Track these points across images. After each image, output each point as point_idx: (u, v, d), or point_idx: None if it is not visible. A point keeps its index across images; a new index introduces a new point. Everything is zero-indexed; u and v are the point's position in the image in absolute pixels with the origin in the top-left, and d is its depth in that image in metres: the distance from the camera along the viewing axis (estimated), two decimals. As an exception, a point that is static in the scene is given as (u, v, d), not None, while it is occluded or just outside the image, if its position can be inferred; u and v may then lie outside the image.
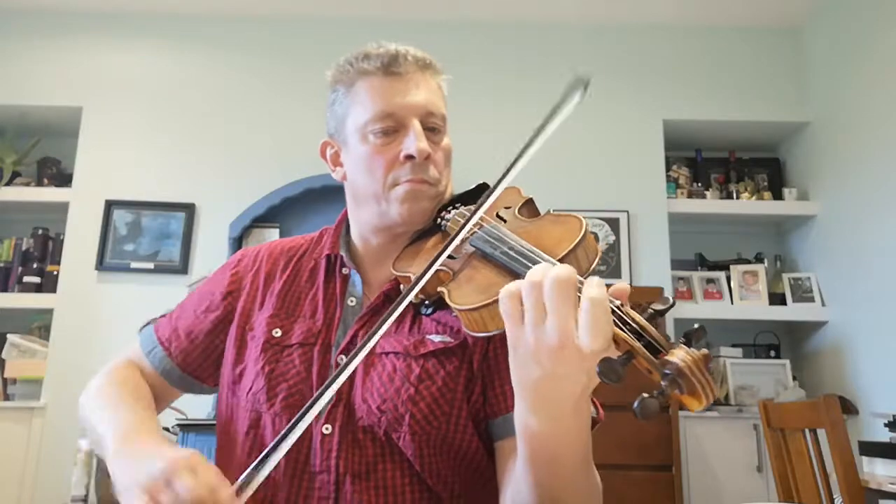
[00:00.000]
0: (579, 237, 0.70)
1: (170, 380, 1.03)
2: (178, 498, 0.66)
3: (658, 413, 0.53)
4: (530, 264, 0.66)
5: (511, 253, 0.72)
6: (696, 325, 0.57)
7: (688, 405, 0.54)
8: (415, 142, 0.89)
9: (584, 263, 0.70)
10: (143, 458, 0.73)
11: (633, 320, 0.57)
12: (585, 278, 0.61)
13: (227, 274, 1.04)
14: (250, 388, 0.92)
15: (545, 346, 0.58)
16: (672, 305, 0.59)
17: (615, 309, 0.58)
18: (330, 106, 0.99)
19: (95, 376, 1.00)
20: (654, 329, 0.57)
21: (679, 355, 0.53)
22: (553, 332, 0.57)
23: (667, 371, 0.53)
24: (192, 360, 1.02)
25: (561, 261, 0.66)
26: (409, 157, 0.90)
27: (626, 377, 0.53)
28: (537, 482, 0.71)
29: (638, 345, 0.56)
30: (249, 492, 0.68)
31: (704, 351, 0.54)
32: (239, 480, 0.68)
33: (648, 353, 0.55)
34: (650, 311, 0.58)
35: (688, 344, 0.55)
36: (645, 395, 0.52)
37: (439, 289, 0.77)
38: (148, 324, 1.08)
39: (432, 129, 0.94)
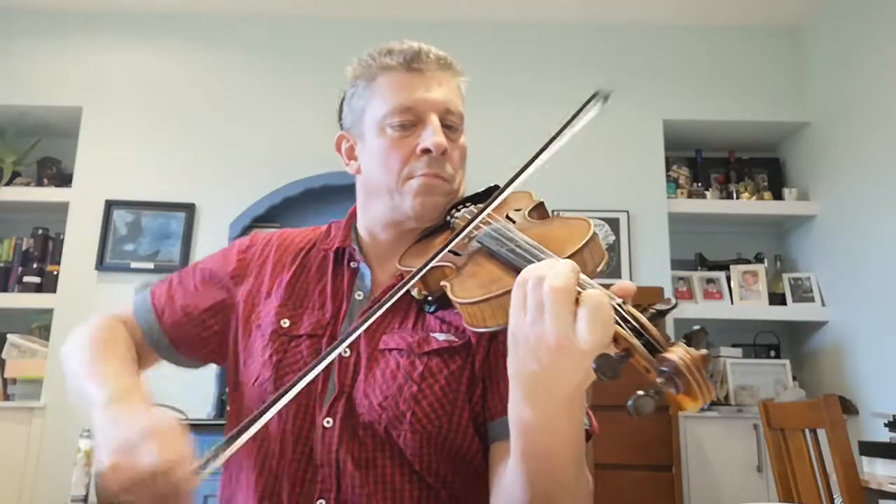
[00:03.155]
0: (586, 239, 0.70)
1: (156, 347, 1.02)
2: (137, 464, 0.67)
3: (653, 412, 0.52)
4: (535, 261, 0.66)
5: (518, 250, 0.72)
6: (696, 327, 0.57)
7: (683, 405, 0.53)
8: (432, 136, 0.90)
9: (591, 265, 0.70)
10: (123, 421, 0.74)
11: (635, 318, 0.57)
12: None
13: (234, 257, 1.04)
14: (257, 378, 0.92)
15: (544, 342, 0.59)
16: (675, 306, 0.59)
17: (617, 307, 0.58)
18: (348, 100, 0.99)
19: (81, 326, 0.99)
20: (654, 328, 0.57)
21: (678, 353, 0.53)
22: (551, 329, 0.58)
23: (664, 368, 0.53)
24: (181, 333, 1.01)
25: None
26: (426, 151, 0.90)
27: (621, 375, 0.53)
28: (529, 479, 0.71)
29: (637, 343, 0.56)
30: (211, 468, 0.68)
31: (704, 351, 0.54)
32: (203, 456, 0.68)
33: (647, 352, 0.55)
34: (652, 310, 0.58)
35: (688, 344, 0.55)
36: (640, 392, 0.52)
37: (442, 283, 0.77)
38: (144, 287, 1.07)
39: (450, 127, 0.94)
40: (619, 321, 0.57)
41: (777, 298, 3.27)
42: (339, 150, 1.03)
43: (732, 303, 3.27)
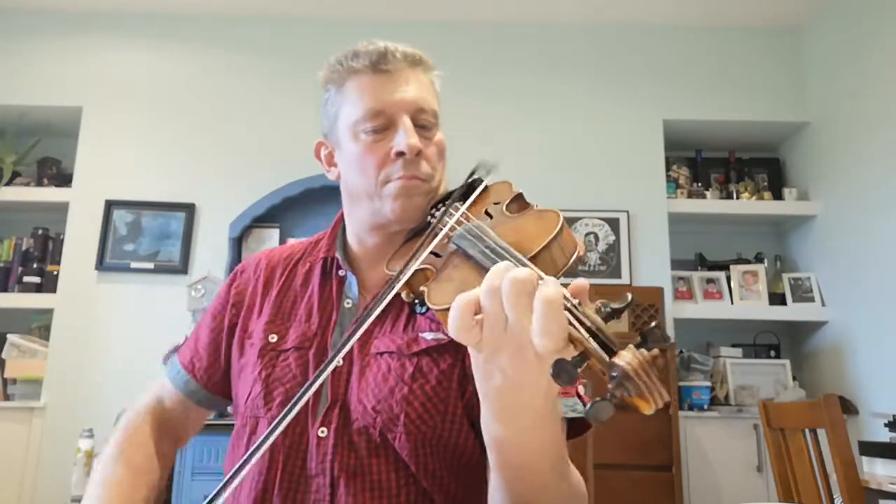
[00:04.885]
0: (554, 233, 0.68)
1: (197, 401, 1.04)
2: None
3: (611, 416, 0.51)
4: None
5: (487, 251, 0.70)
6: (652, 324, 0.55)
7: (638, 407, 0.52)
8: (405, 138, 0.88)
9: (561, 259, 0.68)
10: None
11: (589, 319, 0.55)
12: (559, 275, 0.60)
13: (231, 289, 1.06)
14: (249, 395, 0.92)
15: (505, 351, 0.58)
16: (630, 304, 0.57)
17: (572, 308, 0.56)
18: (323, 106, 0.98)
19: (117, 429, 1.01)
20: (607, 329, 0.55)
21: (626, 357, 0.51)
22: (513, 335, 0.56)
23: (613, 374, 0.51)
24: (216, 378, 1.03)
25: (534, 257, 0.65)
26: (400, 154, 0.89)
27: (577, 378, 0.52)
28: (508, 489, 0.71)
29: (592, 345, 0.54)
30: None
31: (655, 352, 0.52)
32: None
33: (603, 354, 0.53)
34: (607, 309, 0.56)
35: (643, 343, 0.53)
36: (598, 398, 0.51)
37: (421, 288, 0.76)
38: (172, 352, 1.09)
39: (423, 126, 0.92)
40: (575, 323, 0.55)
41: (777, 298, 3.27)
42: (318, 157, 1.02)
43: (732, 303, 3.27)
